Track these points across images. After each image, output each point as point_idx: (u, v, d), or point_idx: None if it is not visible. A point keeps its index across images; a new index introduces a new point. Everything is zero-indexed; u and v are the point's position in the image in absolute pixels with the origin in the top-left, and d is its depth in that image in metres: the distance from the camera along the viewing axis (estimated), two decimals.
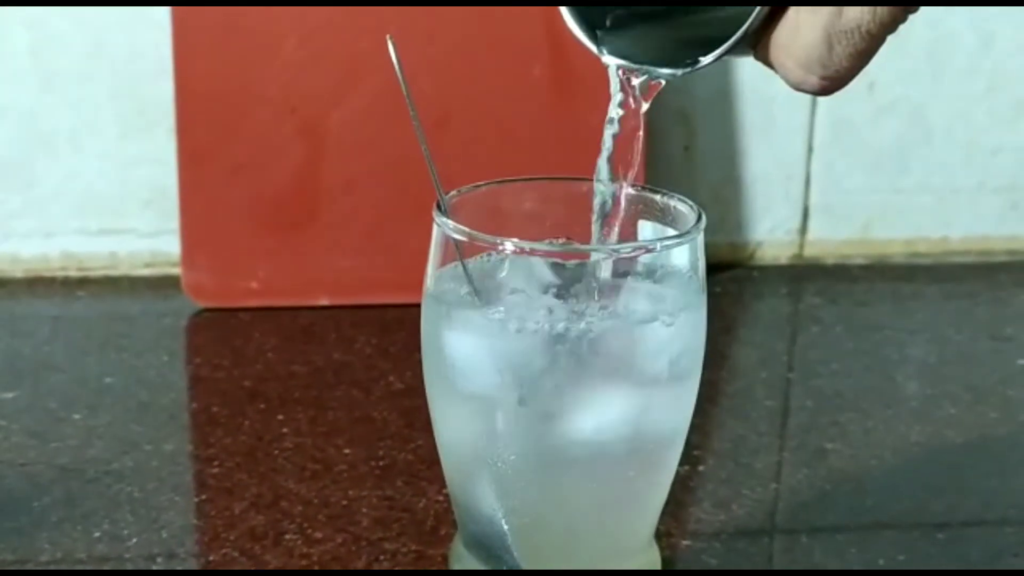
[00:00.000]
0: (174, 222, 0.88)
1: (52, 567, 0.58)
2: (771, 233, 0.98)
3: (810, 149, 0.96)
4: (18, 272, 0.92)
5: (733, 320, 0.90)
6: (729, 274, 0.96)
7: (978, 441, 0.72)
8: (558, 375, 0.44)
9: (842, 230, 0.98)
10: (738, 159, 0.96)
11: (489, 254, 0.46)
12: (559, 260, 0.45)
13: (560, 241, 0.49)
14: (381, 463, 0.68)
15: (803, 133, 0.96)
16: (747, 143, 0.96)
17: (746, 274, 0.97)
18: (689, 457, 0.68)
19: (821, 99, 0.95)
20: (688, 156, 0.95)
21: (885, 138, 0.97)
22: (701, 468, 0.68)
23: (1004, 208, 0.99)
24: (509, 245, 0.44)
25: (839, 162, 0.97)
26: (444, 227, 0.46)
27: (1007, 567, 0.60)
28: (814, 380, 0.79)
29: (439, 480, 0.59)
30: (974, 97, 0.96)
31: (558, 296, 0.45)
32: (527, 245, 0.44)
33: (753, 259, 0.98)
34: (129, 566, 0.58)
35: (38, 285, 0.91)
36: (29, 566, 0.58)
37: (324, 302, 0.87)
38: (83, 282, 0.91)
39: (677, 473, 0.54)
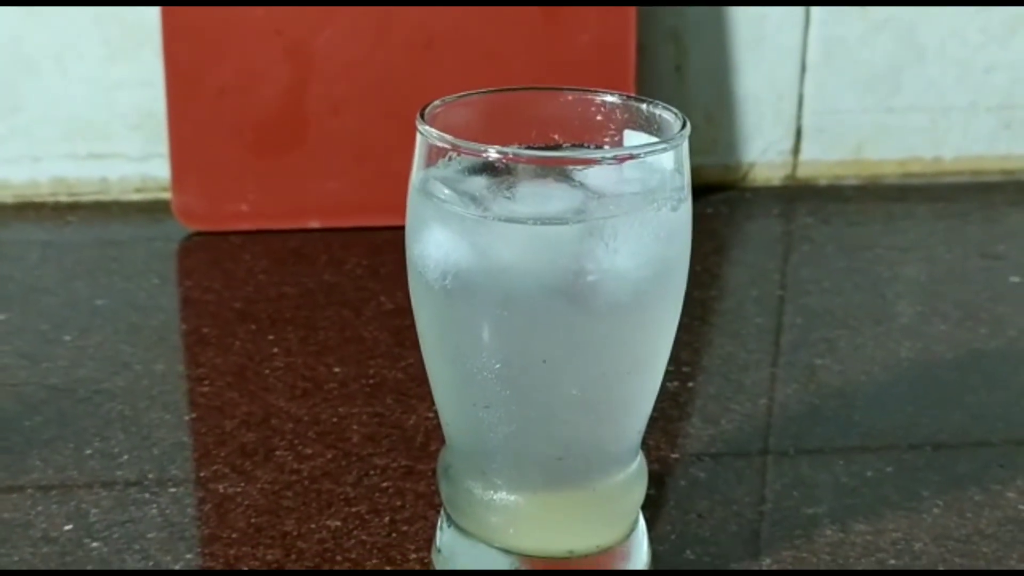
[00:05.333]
0: (163, 146, 0.88)
1: (44, 484, 0.58)
2: (763, 154, 0.97)
3: (803, 69, 0.96)
4: (8, 198, 0.91)
5: (725, 240, 0.90)
6: (721, 195, 0.96)
7: (968, 357, 0.72)
8: (540, 271, 0.44)
9: (835, 151, 0.98)
10: (730, 79, 0.95)
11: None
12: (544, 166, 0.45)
13: (545, 147, 0.48)
14: (371, 381, 0.68)
15: (796, 53, 0.95)
16: (739, 63, 0.95)
17: (738, 196, 0.96)
18: (679, 374, 0.68)
19: (814, 17, 0.94)
20: (679, 76, 0.95)
21: (878, 57, 0.96)
22: (690, 384, 0.68)
23: (997, 127, 0.99)
24: (493, 152, 0.44)
25: (831, 82, 0.96)
26: (428, 135, 0.46)
27: (993, 478, 0.60)
28: (805, 298, 0.79)
29: (429, 397, 0.59)
30: (967, 15, 0.96)
31: (541, 193, 0.44)
32: (510, 151, 0.44)
33: (745, 180, 0.98)
34: (120, 484, 0.59)
35: (28, 210, 0.91)
36: (21, 483, 0.59)
37: (314, 224, 0.87)
38: (73, 207, 0.91)
39: (666, 389, 0.54)
